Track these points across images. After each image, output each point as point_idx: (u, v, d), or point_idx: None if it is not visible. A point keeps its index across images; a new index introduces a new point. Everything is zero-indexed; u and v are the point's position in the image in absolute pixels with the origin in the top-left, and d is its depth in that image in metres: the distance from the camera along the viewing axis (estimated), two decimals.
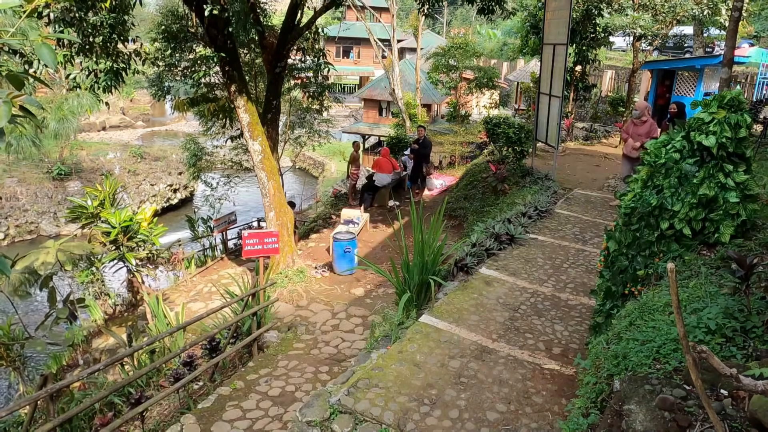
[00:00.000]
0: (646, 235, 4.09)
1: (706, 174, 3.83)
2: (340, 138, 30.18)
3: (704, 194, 3.80)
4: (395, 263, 6.43)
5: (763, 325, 3.05)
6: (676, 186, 3.96)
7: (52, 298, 8.89)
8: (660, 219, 3.99)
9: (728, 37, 5.51)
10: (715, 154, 3.82)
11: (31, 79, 4.06)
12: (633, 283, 4.25)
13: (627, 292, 4.27)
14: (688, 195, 3.86)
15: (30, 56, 6.66)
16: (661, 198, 3.99)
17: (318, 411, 3.94)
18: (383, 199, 14.01)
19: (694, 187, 3.84)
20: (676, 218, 3.90)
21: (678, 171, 3.95)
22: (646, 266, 4.14)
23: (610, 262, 4.45)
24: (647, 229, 4.08)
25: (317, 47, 11.98)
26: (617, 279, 4.40)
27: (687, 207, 3.86)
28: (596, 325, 4.53)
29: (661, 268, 4.00)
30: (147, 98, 38.52)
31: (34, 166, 22.32)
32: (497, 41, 41.46)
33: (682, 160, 3.97)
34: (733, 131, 3.79)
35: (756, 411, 2.26)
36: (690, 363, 1.94)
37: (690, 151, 3.95)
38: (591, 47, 14.57)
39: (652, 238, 4.06)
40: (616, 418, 2.74)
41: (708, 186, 3.80)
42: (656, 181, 4.08)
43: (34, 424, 4.85)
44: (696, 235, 4.05)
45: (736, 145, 3.84)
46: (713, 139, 3.79)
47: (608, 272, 4.50)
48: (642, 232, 4.11)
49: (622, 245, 4.31)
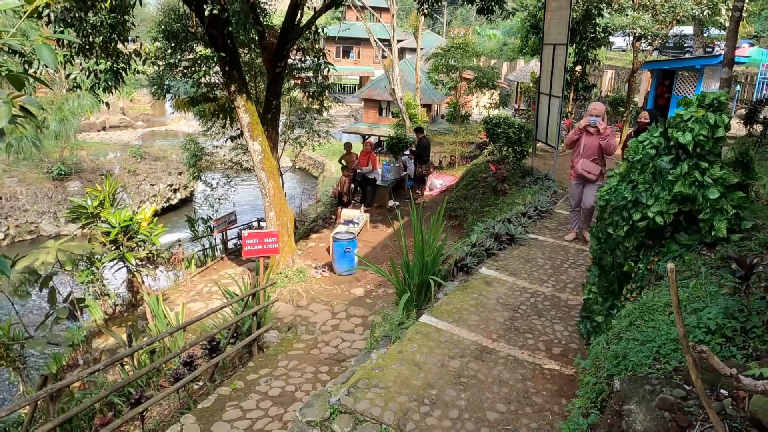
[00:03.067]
0: (618, 230, 4.10)
1: (682, 171, 3.84)
2: (340, 138, 30.18)
3: (679, 192, 3.82)
4: (395, 263, 6.43)
5: (763, 325, 3.05)
6: (650, 182, 3.98)
7: (52, 298, 8.89)
8: (633, 212, 4.00)
9: (728, 37, 5.51)
10: (690, 151, 3.84)
11: (32, 79, 4.06)
12: (625, 281, 4.27)
13: (619, 289, 4.30)
14: (663, 191, 3.87)
15: (30, 56, 6.65)
16: (635, 192, 3.99)
17: (318, 411, 3.94)
18: (383, 199, 14.01)
19: (669, 184, 3.86)
20: (650, 210, 3.91)
21: (653, 167, 3.97)
22: (629, 260, 4.15)
23: (597, 259, 4.49)
24: (621, 222, 4.09)
25: (317, 47, 11.98)
26: (607, 276, 4.43)
27: (661, 203, 3.88)
28: (588, 320, 4.59)
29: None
30: (147, 98, 38.56)
31: (34, 166, 22.32)
32: (497, 41, 41.45)
33: (657, 156, 3.98)
34: (711, 130, 3.80)
35: (756, 411, 2.26)
36: (690, 363, 1.94)
37: (666, 148, 3.96)
38: (591, 47, 14.58)
39: (621, 232, 4.08)
40: (616, 418, 2.74)
41: (683, 183, 3.81)
42: (632, 176, 4.10)
43: (34, 424, 4.85)
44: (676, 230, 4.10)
45: (713, 144, 3.84)
46: (689, 136, 3.82)
47: (596, 268, 4.54)
48: (615, 228, 4.13)
49: (600, 241, 4.34)
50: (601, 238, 4.33)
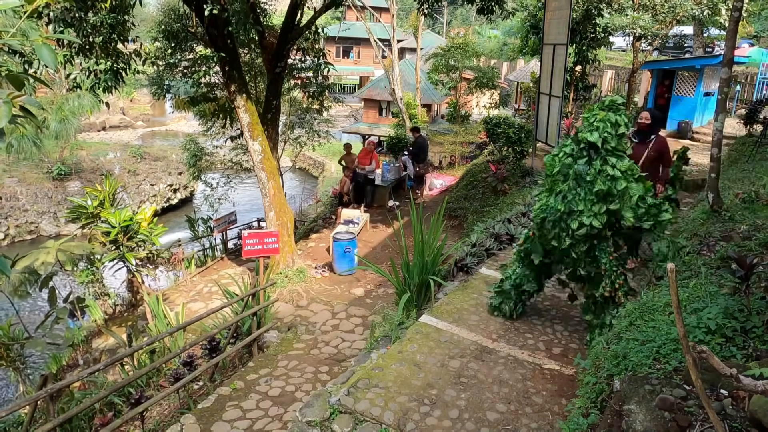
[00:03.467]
0: (562, 242, 4.49)
1: (596, 169, 4.28)
2: (340, 138, 30.17)
3: (600, 189, 4.24)
4: (395, 263, 6.43)
5: (763, 325, 3.05)
6: (575, 188, 4.38)
7: (52, 298, 8.88)
8: (570, 222, 4.39)
9: (728, 37, 5.49)
10: (599, 147, 4.29)
11: (32, 79, 4.06)
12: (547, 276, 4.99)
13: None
14: (588, 194, 4.30)
15: (30, 56, 6.65)
16: (567, 203, 4.38)
17: (318, 411, 3.94)
18: (383, 199, 14.01)
19: (590, 185, 4.29)
20: (584, 216, 4.31)
21: (574, 173, 4.37)
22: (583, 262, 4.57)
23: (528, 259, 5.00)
24: (562, 234, 4.48)
25: (317, 47, 11.98)
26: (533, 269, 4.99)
27: (589, 204, 4.30)
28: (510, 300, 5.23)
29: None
30: (147, 98, 38.50)
31: (34, 166, 22.30)
32: (497, 41, 41.46)
33: (574, 162, 4.40)
34: (614, 128, 4.28)
35: (756, 411, 2.26)
36: (690, 363, 1.94)
37: (579, 152, 4.39)
38: (591, 47, 14.58)
39: (565, 244, 4.47)
40: (616, 418, 2.74)
41: (601, 181, 4.24)
42: (558, 187, 4.49)
43: (34, 424, 4.85)
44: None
45: (617, 141, 4.31)
46: (597, 134, 4.27)
47: (526, 268, 5.06)
48: (559, 240, 4.52)
49: (547, 253, 4.79)
50: (547, 250, 4.75)
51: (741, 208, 5.47)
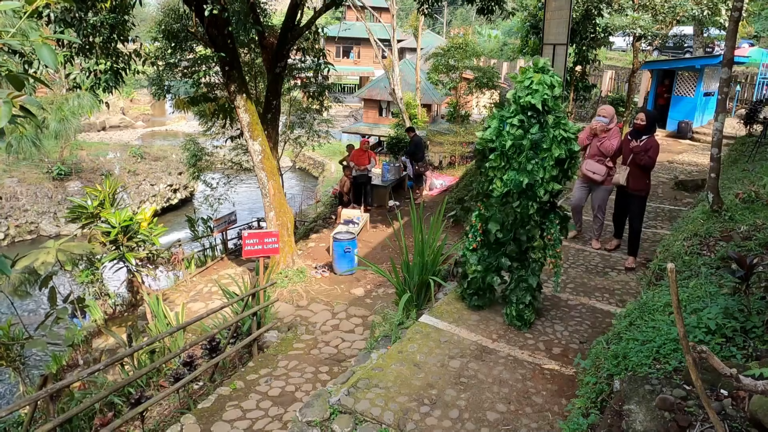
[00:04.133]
0: (531, 209, 4.65)
1: (551, 136, 4.44)
2: (340, 138, 30.16)
3: (560, 154, 4.45)
4: (395, 263, 6.43)
5: (763, 325, 3.05)
6: (534, 157, 4.49)
7: (52, 298, 8.88)
8: (537, 189, 4.53)
9: (728, 37, 5.50)
10: (540, 110, 4.40)
11: (32, 79, 4.06)
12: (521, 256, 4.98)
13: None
14: (547, 160, 4.46)
15: (30, 56, 6.65)
16: (530, 174, 4.49)
17: (318, 411, 3.94)
18: (383, 199, 14.01)
19: (548, 152, 4.46)
20: (545, 184, 4.50)
21: (529, 143, 4.46)
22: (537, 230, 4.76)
23: (490, 241, 5.01)
24: (530, 202, 4.63)
25: (317, 47, 11.98)
26: (496, 254, 5.05)
27: (549, 170, 4.47)
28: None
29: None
30: (147, 98, 38.52)
31: (34, 166, 22.30)
32: (497, 41, 41.46)
33: (526, 132, 4.48)
34: (551, 90, 4.40)
35: (756, 411, 2.26)
36: (690, 363, 1.94)
37: (528, 120, 4.47)
38: (591, 47, 14.56)
39: (533, 210, 4.63)
40: (616, 418, 2.74)
41: (556, 146, 4.44)
42: (517, 160, 4.55)
43: (34, 424, 4.85)
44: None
45: (554, 102, 4.46)
46: (538, 96, 4.36)
47: (486, 250, 5.09)
48: (526, 208, 4.65)
49: (505, 225, 4.85)
50: (506, 223, 4.83)
51: (741, 208, 5.47)
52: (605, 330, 4.78)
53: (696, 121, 15.58)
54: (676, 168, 11.80)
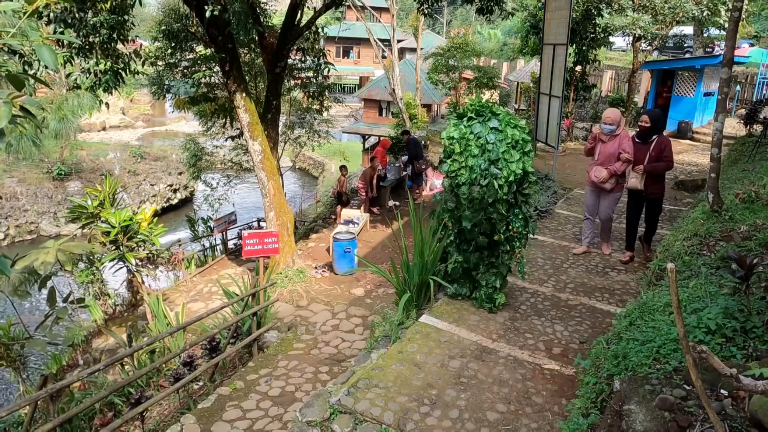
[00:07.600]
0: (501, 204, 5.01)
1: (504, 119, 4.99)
2: (340, 138, 30.16)
3: (513, 134, 4.91)
4: (395, 263, 6.43)
5: (763, 325, 3.05)
6: (497, 158, 4.87)
7: (52, 298, 8.88)
8: (500, 166, 4.88)
9: (728, 37, 5.50)
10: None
11: (32, 79, 4.06)
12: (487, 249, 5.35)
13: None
14: (505, 139, 4.89)
15: (30, 57, 6.65)
16: (487, 156, 4.88)
17: (318, 411, 3.94)
18: (383, 199, 14.01)
19: (503, 134, 4.91)
20: (508, 164, 4.88)
21: (484, 147, 4.90)
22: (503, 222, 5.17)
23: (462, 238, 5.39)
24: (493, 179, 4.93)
25: (317, 47, 11.98)
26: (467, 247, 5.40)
27: (508, 150, 4.88)
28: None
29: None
30: (147, 98, 38.51)
31: (34, 166, 22.30)
32: (497, 41, 41.46)
33: (479, 139, 4.92)
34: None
35: (756, 411, 2.26)
36: (690, 363, 1.94)
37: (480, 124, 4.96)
38: (591, 47, 14.59)
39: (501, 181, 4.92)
40: (616, 418, 2.74)
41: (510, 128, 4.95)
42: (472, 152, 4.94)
43: (34, 424, 4.85)
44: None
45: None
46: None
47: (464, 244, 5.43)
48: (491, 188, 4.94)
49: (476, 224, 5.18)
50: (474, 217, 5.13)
51: (741, 208, 5.47)
52: (605, 330, 4.78)
53: (696, 121, 15.58)
54: (676, 168, 11.80)
